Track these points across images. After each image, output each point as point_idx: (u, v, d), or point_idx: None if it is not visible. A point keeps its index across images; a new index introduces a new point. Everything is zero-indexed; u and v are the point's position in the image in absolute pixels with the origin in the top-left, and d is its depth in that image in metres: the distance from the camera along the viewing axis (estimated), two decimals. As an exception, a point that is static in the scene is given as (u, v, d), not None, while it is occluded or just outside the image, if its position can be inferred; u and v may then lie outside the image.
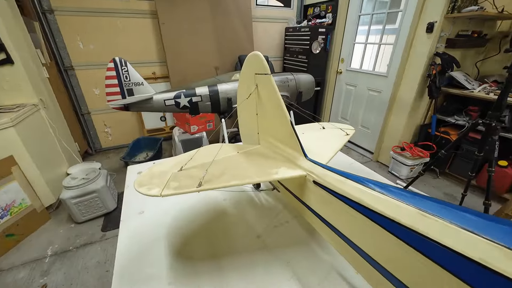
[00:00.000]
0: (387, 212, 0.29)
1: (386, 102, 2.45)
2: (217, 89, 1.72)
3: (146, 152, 2.69)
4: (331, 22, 2.82)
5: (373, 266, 0.33)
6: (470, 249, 0.21)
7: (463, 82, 2.07)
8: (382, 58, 2.59)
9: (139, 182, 0.48)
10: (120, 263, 0.52)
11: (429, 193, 2.10)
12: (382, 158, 2.65)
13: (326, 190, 0.41)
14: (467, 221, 0.23)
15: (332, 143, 0.70)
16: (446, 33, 1.96)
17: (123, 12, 2.44)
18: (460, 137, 1.49)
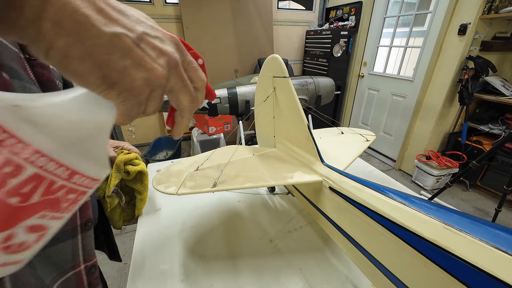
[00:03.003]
0: (408, 223, 0.27)
1: (411, 108, 2.33)
2: (236, 91, 1.75)
3: (166, 151, 2.79)
4: (354, 25, 2.75)
5: (390, 280, 0.31)
6: (503, 272, 0.19)
7: (500, 88, 1.91)
8: (408, 62, 2.47)
9: (157, 180, 0.50)
10: (136, 258, 0.54)
11: (457, 207, 1.95)
12: (405, 167, 2.51)
13: (343, 197, 0.40)
14: (500, 240, 0.20)
15: (350, 148, 0.67)
16: (481, 35, 1.83)
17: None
18: (495, 147, 1.37)
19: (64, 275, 0.31)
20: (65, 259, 0.31)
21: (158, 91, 0.19)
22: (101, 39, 0.15)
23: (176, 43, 0.20)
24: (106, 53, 0.16)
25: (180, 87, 0.21)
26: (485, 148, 1.98)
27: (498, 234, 0.21)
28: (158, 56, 0.18)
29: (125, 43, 0.16)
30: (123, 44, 0.16)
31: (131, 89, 0.17)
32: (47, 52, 0.15)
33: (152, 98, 0.19)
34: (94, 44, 0.15)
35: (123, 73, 0.17)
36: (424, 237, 0.25)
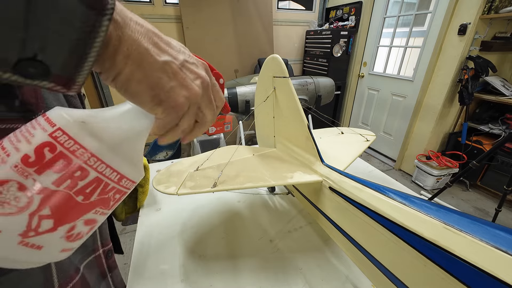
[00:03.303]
0: (407, 223, 0.27)
1: (411, 108, 2.33)
2: (236, 91, 1.75)
3: (166, 151, 2.79)
4: (354, 25, 2.75)
5: (390, 279, 0.31)
6: (503, 272, 0.19)
7: (500, 88, 1.91)
8: (408, 62, 2.47)
9: (158, 180, 0.50)
10: (136, 258, 0.54)
11: (457, 207, 1.95)
12: (405, 167, 2.51)
13: (343, 197, 0.40)
14: (500, 240, 0.20)
15: (350, 148, 0.67)
16: (481, 35, 1.83)
17: (149, 17, 2.57)
18: (495, 147, 1.37)
19: (87, 257, 0.35)
20: (87, 243, 0.35)
21: (193, 108, 0.23)
22: (155, 66, 0.19)
23: (206, 68, 0.25)
24: (158, 77, 0.20)
25: (207, 104, 0.25)
26: (485, 148, 1.98)
27: (498, 234, 0.21)
28: (195, 79, 0.23)
29: (172, 68, 0.20)
30: (171, 69, 0.20)
31: (175, 106, 0.21)
32: (115, 77, 0.18)
33: (187, 114, 0.23)
34: (150, 70, 0.19)
35: (169, 92, 0.20)
36: (424, 237, 0.25)
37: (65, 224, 0.18)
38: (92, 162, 0.18)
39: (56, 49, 0.14)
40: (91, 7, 0.14)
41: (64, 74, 0.15)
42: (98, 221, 0.21)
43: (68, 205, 0.18)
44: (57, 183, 0.17)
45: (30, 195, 0.16)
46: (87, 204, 0.19)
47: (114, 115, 0.20)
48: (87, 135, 0.18)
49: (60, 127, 0.17)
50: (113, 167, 0.19)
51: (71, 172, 0.17)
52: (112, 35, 0.17)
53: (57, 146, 0.17)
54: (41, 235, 0.17)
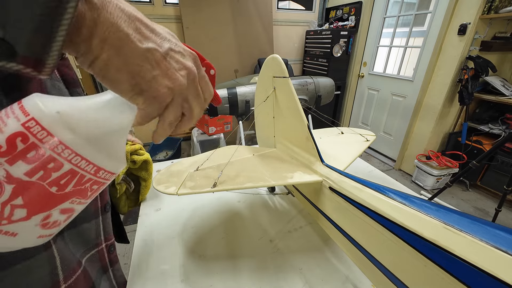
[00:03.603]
0: (408, 223, 0.27)
1: (411, 108, 2.33)
2: (236, 91, 1.75)
3: (166, 151, 2.79)
4: (354, 25, 2.75)
5: (390, 280, 0.31)
6: (503, 272, 0.19)
7: (499, 88, 1.91)
8: (408, 62, 2.47)
9: (158, 180, 0.50)
10: (136, 258, 0.54)
11: (457, 207, 1.95)
12: (405, 167, 2.51)
13: (343, 197, 0.40)
14: (500, 240, 0.21)
15: (350, 148, 0.67)
16: (481, 35, 1.83)
17: (149, 17, 2.55)
18: (495, 147, 1.37)
19: (90, 251, 0.35)
20: (90, 237, 0.35)
21: (178, 99, 0.22)
22: (136, 53, 0.18)
23: (194, 58, 0.24)
24: (139, 65, 0.19)
25: (195, 96, 0.24)
26: (485, 148, 1.98)
27: (498, 234, 0.21)
28: (181, 69, 0.21)
29: (155, 56, 0.19)
30: (154, 57, 0.19)
31: (156, 96, 0.20)
32: (92, 62, 0.18)
33: (172, 106, 0.22)
34: (130, 56, 0.18)
35: (151, 81, 0.19)
36: (424, 237, 0.25)
37: (40, 213, 0.18)
38: (66, 154, 0.18)
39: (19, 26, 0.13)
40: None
41: (31, 55, 0.14)
42: (76, 210, 0.21)
43: (42, 196, 0.18)
44: (29, 174, 0.17)
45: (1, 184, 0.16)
46: (62, 194, 0.19)
47: (94, 105, 0.19)
48: (61, 126, 0.17)
49: (33, 117, 0.17)
50: (89, 160, 0.19)
51: (43, 164, 0.17)
52: (86, 16, 0.16)
53: (30, 136, 0.16)
54: (15, 223, 0.17)
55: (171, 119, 0.23)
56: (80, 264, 0.33)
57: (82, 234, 0.34)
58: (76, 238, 0.33)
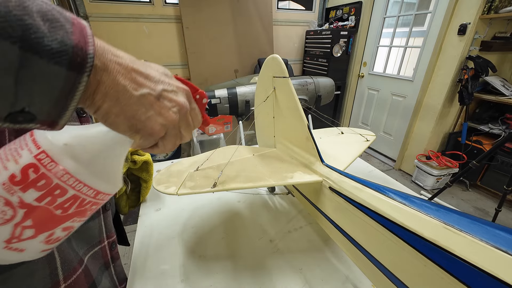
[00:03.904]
0: (408, 223, 0.27)
1: (411, 108, 2.33)
2: (236, 91, 1.75)
3: (166, 151, 2.78)
4: (353, 25, 2.75)
5: (390, 279, 0.31)
6: (503, 272, 0.19)
7: (499, 88, 1.91)
8: (407, 62, 2.47)
9: (158, 180, 0.50)
10: (136, 258, 0.54)
11: (457, 207, 1.95)
12: (405, 167, 2.51)
13: (343, 197, 0.40)
14: (500, 240, 0.21)
15: (350, 148, 0.67)
16: (481, 35, 1.83)
17: (149, 18, 2.57)
18: (495, 147, 1.37)
19: (93, 248, 0.38)
20: (94, 235, 0.37)
21: (172, 132, 0.26)
22: (131, 100, 0.21)
23: (187, 93, 0.27)
24: (134, 109, 0.21)
25: (186, 127, 0.27)
26: (485, 148, 1.98)
27: (498, 234, 0.21)
28: (173, 106, 0.24)
29: (149, 100, 0.22)
30: (148, 101, 0.22)
31: (152, 133, 0.23)
32: (95, 112, 0.20)
33: (167, 138, 0.26)
34: (126, 104, 0.21)
35: (146, 121, 0.22)
36: (424, 237, 0.25)
37: (45, 232, 0.21)
38: (71, 182, 0.20)
39: (41, 104, 0.16)
40: (72, 69, 0.16)
41: (48, 119, 0.17)
42: (75, 227, 0.24)
43: (48, 217, 0.20)
44: (39, 199, 0.19)
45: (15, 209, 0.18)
46: (65, 215, 0.21)
47: (95, 136, 0.22)
48: (67, 157, 0.20)
49: (44, 150, 0.19)
50: (89, 185, 0.22)
51: (51, 190, 0.20)
52: (91, 81, 0.18)
53: (40, 167, 0.19)
54: (24, 241, 0.20)
55: (169, 147, 0.27)
56: (82, 263, 0.34)
57: (86, 232, 0.36)
58: (81, 236, 0.35)
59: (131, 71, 0.21)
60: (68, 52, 0.16)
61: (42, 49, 0.15)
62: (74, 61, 0.16)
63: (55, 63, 0.16)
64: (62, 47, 0.16)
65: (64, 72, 0.16)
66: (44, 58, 0.15)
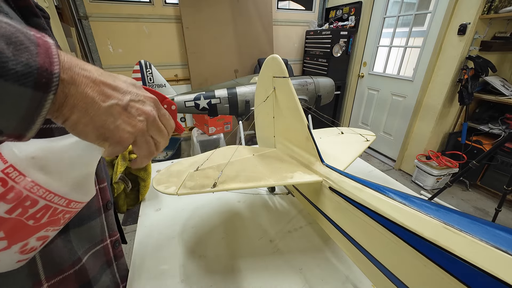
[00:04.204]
0: (408, 223, 0.27)
1: (411, 108, 2.33)
2: (236, 91, 1.75)
3: (166, 151, 2.79)
4: (353, 25, 2.75)
5: (390, 280, 0.31)
6: (503, 271, 0.19)
7: (499, 88, 1.91)
8: (407, 62, 2.47)
9: (157, 180, 0.50)
10: (136, 258, 0.54)
11: (457, 207, 1.95)
12: (405, 167, 2.51)
13: (343, 197, 0.40)
14: (500, 240, 0.21)
15: (350, 148, 0.67)
16: (481, 35, 1.83)
17: (149, 18, 2.57)
18: (495, 147, 1.37)
19: (95, 247, 0.38)
20: (96, 233, 0.38)
21: (142, 138, 0.26)
22: (100, 111, 0.22)
23: (154, 101, 0.28)
24: (103, 119, 0.22)
25: (158, 132, 0.28)
26: (485, 148, 1.98)
27: (498, 234, 0.21)
28: (140, 115, 0.25)
29: (116, 110, 0.23)
30: (115, 111, 0.23)
31: (120, 141, 0.24)
32: (63, 122, 0.21)
33: (136, 144, 0.27)
34: (95, 115, 0.21)
35: (114, 130, 0.23)
36: (424, 237, 0.25)
37: (18, 243, 0.21)
38: (41, 193, 0.21)
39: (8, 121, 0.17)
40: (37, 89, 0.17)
41: (15, 132, 0.18)
42: (50, 236, 0.24)
43: (20, 228, 0.20)
44: (9, 212, 0.19)
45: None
46: (38, 225, 0.21)
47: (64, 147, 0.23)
48: (36, 170, 0.20)
49: (11, 164, 0.20)
50: (60, 195, 0.22)
51: (21, 202, 0.20)
52: (59, 96, 0.19)
53: (9, 181, 0.19)
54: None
55: (145, 153, 0.28)
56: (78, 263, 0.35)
57: (88, 231, 0.37)
58: (82, 236, 0.36)
59: (99, 83, 0.22)
60: (33, 74, 0.17)
61: (6, 72, 0.16)
62: (39, 82, 0.17)
63: (20, 84, 0.16)
64: (27, 69, 0.17)
65: (30, 93, 0.17)
66: (8, 81, 0.16)
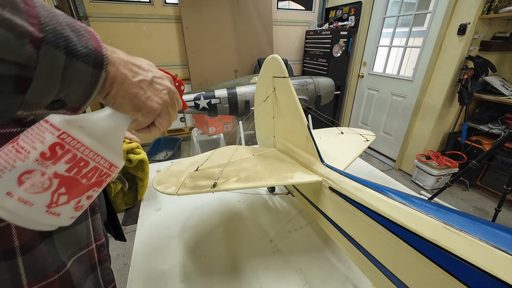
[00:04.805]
0: (407, 223, 0.27)
1: (411, 108, 2.33)
2: (236, 91, 1.75)
3: (166, 151, 2.79)
4: (353, 25, 2.75)
5: (390, 279, 0.31)
6: (503, 271, 0.19)
7: (499, 87, 1.91)
8: (407, 62, 2.47)
9: (157, 180, 0.50)
10: (136, 258, 0.54)
11: (457, 207, 1.95)
12: (405, 167, 2.51)
13: (343, 197, 0.40)
14: (500, 240, 0.21)
15: (350, 148, 0.67)
16: (481, 35, 1.83)
17: (149, 18, 2.57)
18: (495, 147, 1.37)
19: (80, 252, 0.38)
20: (81, 238, 0.38)
21: (166, 109, 0.31)
22: (132, 85, 0.26)
23: (170, 79, 0.33)
24: (135, 92, 0.27)
25: (173, 106, 0.33)
26: (485, 148, 1.98)
27: (498, 234, 0.21)
28: (163, 89, 0.30)
29: (144, 84, 0.28)
30: (144, 85, 0.27)
31: (151, 110, 0.29)
32: (105, 97, 0.25)
33: (162, 114, 0.31)
34: (128, 88, 0.26)
35: (145, 101, 0.28)
36: (424, 237, 0.25)
37: (75, 198, 0.25)
38: (91, 155, 0.25)
39: (75, 94, 0.22)
40: (95, 67, 0.22)
41: (75, 105, 0.23)
42: (94, 197, 0.28)
43: (76, 186, 0.25)
44: (68, 170, 0.24)
45: (51, 179, 0.23)
46: (89, 184, 0.26)
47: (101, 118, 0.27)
48: (85, 135, 0.24)
49: (64, 131, 0.23)
50: (105, 158, 0.26)
51: (77, 163, 0.24)
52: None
53: (65, 145, 0.23)
54: (60, 206, 0.24)
55: (165, 123, 0.33)
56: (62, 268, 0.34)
57: (73, 235, 0.36)
58: (67, 240, 0.35)
59: (127, 63, 0.26)
60: (91, 54, 0.21)
61: (76, 53, 0.20)
62: (96, 61, 0.22)
63: (85, 63, 0.21)
64: (88, 51, 0.21)
65: (91, 70, 0.21)
66: (78, 60, 0.20)
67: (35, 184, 0.22)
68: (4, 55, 0.16)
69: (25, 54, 0.17)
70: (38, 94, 0.19)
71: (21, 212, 0.22)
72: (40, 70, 0.18)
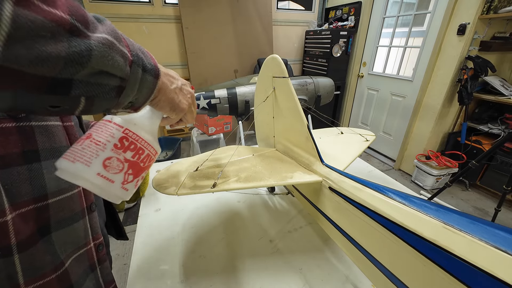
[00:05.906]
0: (407, 223, 0.27)
1: (410, 108, 2.33)
2: (236, 91, 1.75)
3: (166, 151, 2.79)
4: (353, 25, 2.75)
5: (390, 279, 0.31)
6: (503, 271, 0.19)
7: (499, 88, 1.91)
8: (407, 62, 2.47)
9: (157, 180, 0.50)
10: (136, 259, 0.54)
11: (457, 207, 1.95)
12: (404, 167, 2.51)
13: (343, 197, 0.40)
14: (499, 239, 0.21)
15: (350, 148, 0.67)
16: (480, 35, 1.83)
17: (149, 18, 2.57)
18: (494, 147, 1.37)
19: (78, 251, 0.39)
20: (79, 236, 0.39)
21: (190, 109, 0.40)
22: (170, 91, 0.33)
23: (190, 85, 0.41)
24: (172, 97, 0.34)
25: (194, 106, 0.42)
26: (485, 147, 1.98)
27: (498, 234, 0.21)
28: (188, 93, 0.39)
29: (177, 90, 0.35)
30: (177, 91, 0.35)
31: (182, 110, 0.37)
32: (152, 100, 0.31)
33: (188, 113, 0.40)
34: (168, 93, 0.33)
35: (178, 104, 0.36)
36: (424, 237, 0.25)
37: (137, 178, 0.32)
38: (145, 144, 0.32)
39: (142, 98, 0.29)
40: (156, 78, 0.29)
41: (137, 106, 0.29)
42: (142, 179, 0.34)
43: (138, 168, 0.32)
44: (133, 156, 0.31)
45: (123, 163, 0.30)
46: (144, 167, 0.33)
47: (144, 115, 0.34)
48: (141, 130, 0.32)
49: (126, 128, 0.31)
50: (153, 146, 0.34)
51: (138, 151, 0.31)
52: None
53: (129, 138, 0.31)
54: (129, 183, 0.31)
55: (190, 120, 0.42)
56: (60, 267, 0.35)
57: (71, 234, 0.37)
58: (65, 239, 0.36)
59: (165, 74, 0.33)
60: (153, 69, 0.28)
61: (146, 69, 0.27)
62: (155, 73, 0.29)
63: (150, 75, 0.28)
64: (152, 66, 0.28)
65: (153, 80, 0.29)
66: (147, 73, 0.27)
67: (114, 167, 0.29)
68: (116, 72, 0.23)
69: (126, 71, 0.24)
70: (125, 98, 0.26)
71: (106, 188, 0.28)
72: (130, 81, 0.25)
